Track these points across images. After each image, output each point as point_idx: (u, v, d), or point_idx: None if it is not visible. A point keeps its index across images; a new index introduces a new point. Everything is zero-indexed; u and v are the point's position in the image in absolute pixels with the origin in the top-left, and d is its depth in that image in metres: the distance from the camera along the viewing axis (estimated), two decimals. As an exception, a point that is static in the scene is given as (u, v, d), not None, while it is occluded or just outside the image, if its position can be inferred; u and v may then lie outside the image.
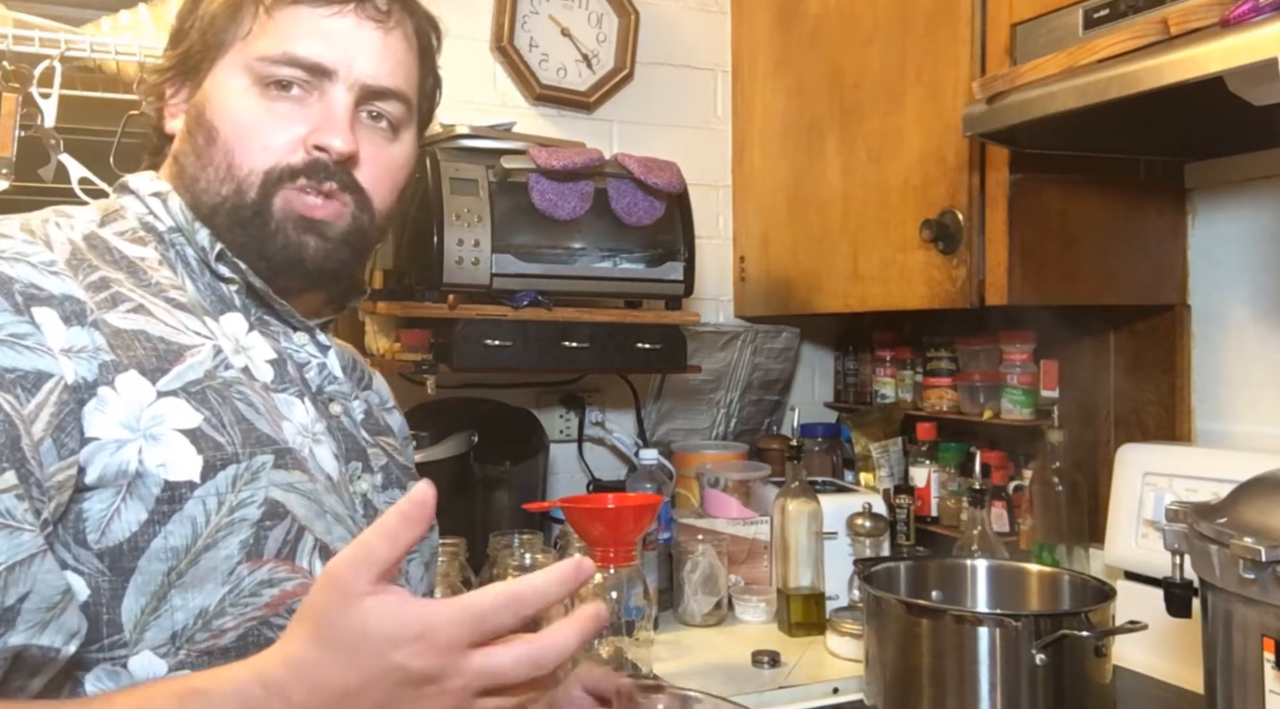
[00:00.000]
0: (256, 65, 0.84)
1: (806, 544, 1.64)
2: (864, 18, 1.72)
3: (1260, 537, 0.87)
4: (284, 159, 0.84)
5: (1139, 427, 1.63)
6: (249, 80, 0.85)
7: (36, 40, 1.35)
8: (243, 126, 0.84)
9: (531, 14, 1.95)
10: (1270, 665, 0.89)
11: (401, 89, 0.90)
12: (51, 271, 0.74)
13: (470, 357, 1.56)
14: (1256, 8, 0.97)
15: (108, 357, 0.73)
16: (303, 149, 0.84)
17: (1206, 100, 1.09)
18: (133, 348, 0.75)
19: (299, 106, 0.85)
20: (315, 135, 0.84)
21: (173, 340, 0.78)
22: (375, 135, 0.89)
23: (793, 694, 1.40)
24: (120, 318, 0.76)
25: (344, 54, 0.86)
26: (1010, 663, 1.15)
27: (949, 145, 1.53)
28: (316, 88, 0.86)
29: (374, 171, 0.88)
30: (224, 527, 0.74)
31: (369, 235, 0.90)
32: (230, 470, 0.75)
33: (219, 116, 0.85)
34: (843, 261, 1.77)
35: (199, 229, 0.86)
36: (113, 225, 0.85)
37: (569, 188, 1.60)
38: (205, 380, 0.77)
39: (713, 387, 2.06)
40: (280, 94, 0.85)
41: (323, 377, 0.91)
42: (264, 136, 0.84)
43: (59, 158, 1.36)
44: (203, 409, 0.76)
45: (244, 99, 0.85)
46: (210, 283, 0.86)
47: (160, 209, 0.87)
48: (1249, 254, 1.50)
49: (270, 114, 0.85)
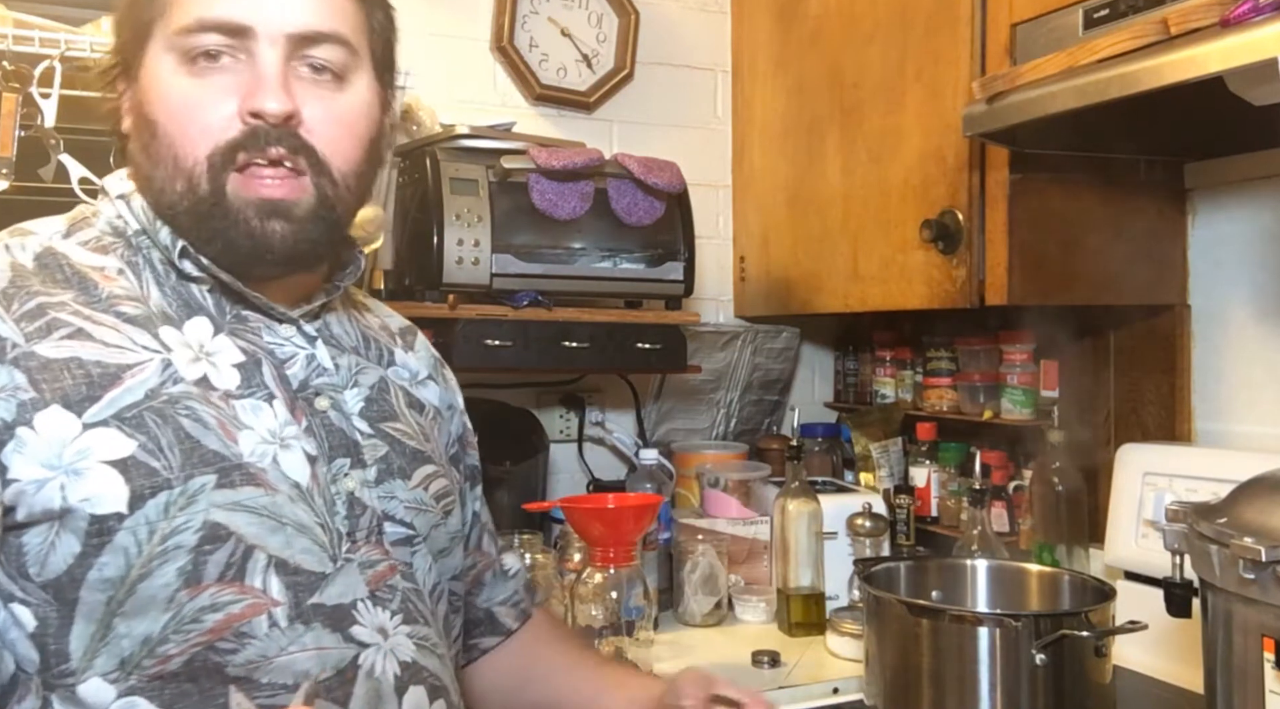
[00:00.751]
0: (176, 40, 0.79)
1: (806, 544, 1.64)
2: (864, 18, 1.72)
3: (1260, 537, 0.87)
4: (222, 136, 0.79)
5: (1139, 427, 1.63)
6: (174, 60, 0.80)
7: (36, 40, 1.35)
8: (177, 112, 0.79)
9: (531, 14, 1.95)
10: (1270, 665, 0.89)
11: (336, 29, 0.82)
12: None
13: (470, 357, 1.56)
14: (1256, 8, 0.97)
15: (27, 394, 0.72)
16: (239, 120, 0.79)
17: (1206, 100, 1.09)
18: (60, 379, 0.74)
19: (229, 76, 0.79)
20: (247, 101, 0.78)
21: (110, 363, 0.76)
22: (318, 88, 0.82)
23: (793, 694, 1.40)
24: (52, 347, 0.75)
25: (257, 7, 0.79)
26: (1010, 663, 1.15)
27: (949, 145, 1.53)
28: (241, 49, 0.79)
29: (325, 128, 0.82)
30: (158, 556, 0.73)
31: (337, 203, 0.83)
32: (162, 497, 0.74)
33: (154, 107, 0.80)
34: (843, 261, 1.77)
35: (160, 228, 0.83)
36: (78, 234, 0.84)
37: (569, 188, 1.60)
38: (145, 402, 0.76)
39: (713, 387, 2.06)
40: (208, 66, 0.79)
41: (310, 370, 0.87)
42: (199, 117, 0.79)
43: (59, 158, 1.36)
44: (138, 434, 0.74)
45: (173, 81, 0.79)
46: (177, 286, 0.83)
47: (125, 211, 0.85)
48: (1249, 254, 1.50)
49: (201, 91, 0.79)
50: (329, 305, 0.92)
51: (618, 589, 1.37)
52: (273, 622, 0.77)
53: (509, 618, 1.08)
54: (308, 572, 0.79)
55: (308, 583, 0.79)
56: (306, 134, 0.81)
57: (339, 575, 0.81)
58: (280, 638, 0.77)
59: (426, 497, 0.92)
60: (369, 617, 0.82)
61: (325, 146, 0.82)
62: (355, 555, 0.83)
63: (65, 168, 1.36)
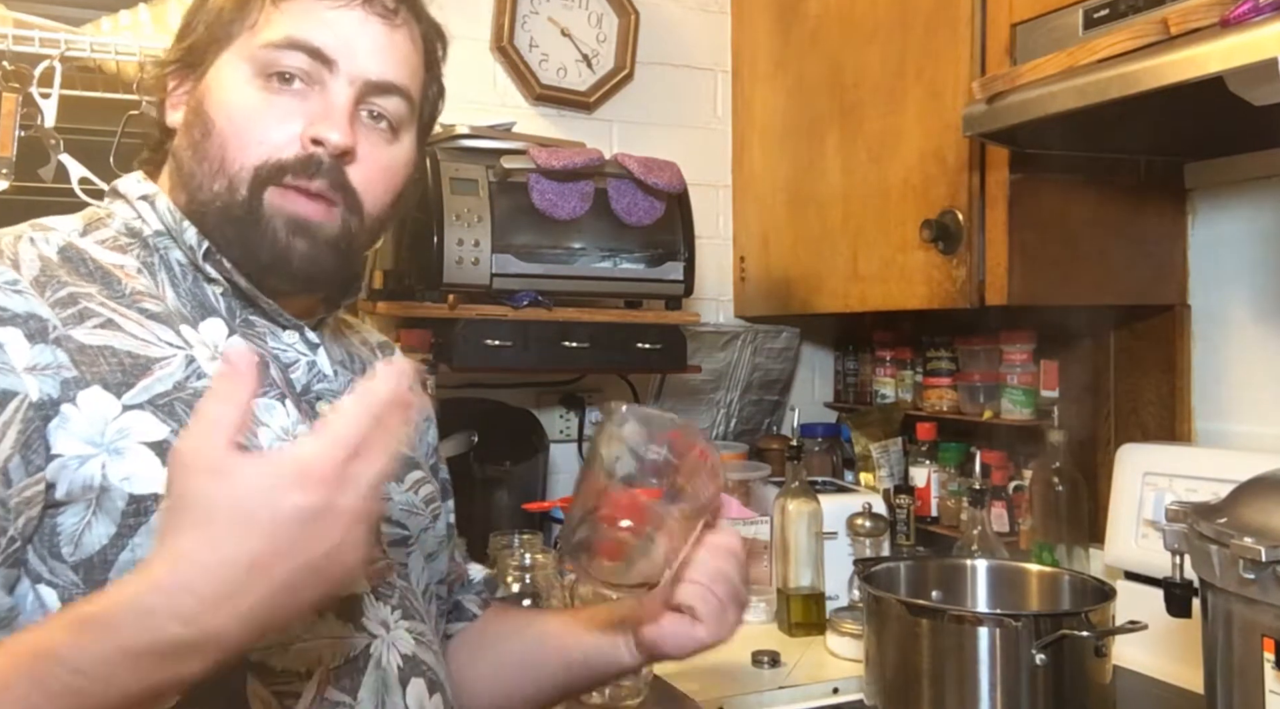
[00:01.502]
0: (259, 53, 0.82)
1: (806, 544, 1.64)
2: (864, 18, 1.72)
3: (1260, 537, 0.87)
4: (276, 154, 0.81)
5: (1139, 427, 1.63)
6: (250, 70, 0.83)
7: (36, 40, 1.35)
8: (239, 118, 0.82)
9: (531, 14, 1.95)
10: (1270, 665, 0.89)
11: (405, 84, 0.87)
12: (15, 290, 0.74)
13: (470, 357, 1.56)
14: (1256, 8, 0.97)
15: (70, 373, 0.73)
16: (299, 144, 0.82)
17: (1206, 100, 1.09)
18: (97, 363, 0.75)
19: (299, 100, 0.83)
20: (312, 127, 0.81)
21: (140, 354, 0.77)
22: (374, 135, 0.86)
23: (793, 694, 1.40)
24: (87, 334, 0.75)
25: (347, 45, 0.83)
26: (1010, 663, 1.15)
27: (949, 145, 1.53)
28: (317, 81, 0.83)
29: (369, 172, 0.85)
30: None
31: (357, 239, 0.87)
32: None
33: (216, 108, 0.83)
34: (843, 261, 1.77)
35: (186, 227, 0.84)
36: (95, 233, 0.84)
37: (569, 188, 1.60)
38: (174, 392, 0.77)
39: (713, 387, 2.06)
40: (281, 86, 0.83)
41: (311, 375, 0.89)
42: (260, 130, 0.82)
43: (59, 158, 1.36)
44: (170, 421, 0.75)
45: (243, 90, 0.82)
46: (192, 288, 0.85)
47: (148, 212, 0.86)
48: (1249, 254, 1.50)
49: (268, 106, 0.82)
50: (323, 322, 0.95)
51: (618, 589, 1.37)
52: None
53: (474, 605, 1.10)
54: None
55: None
56: (351, 174, 0.84)
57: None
58: (295, 625, 0.78)
59: (417, 500, 0.94)
60: (372, 610, 0.84)
61: (364, 190, 0.85)
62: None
63: (65, 168, 1.36)
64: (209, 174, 0.82)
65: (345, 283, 0.94)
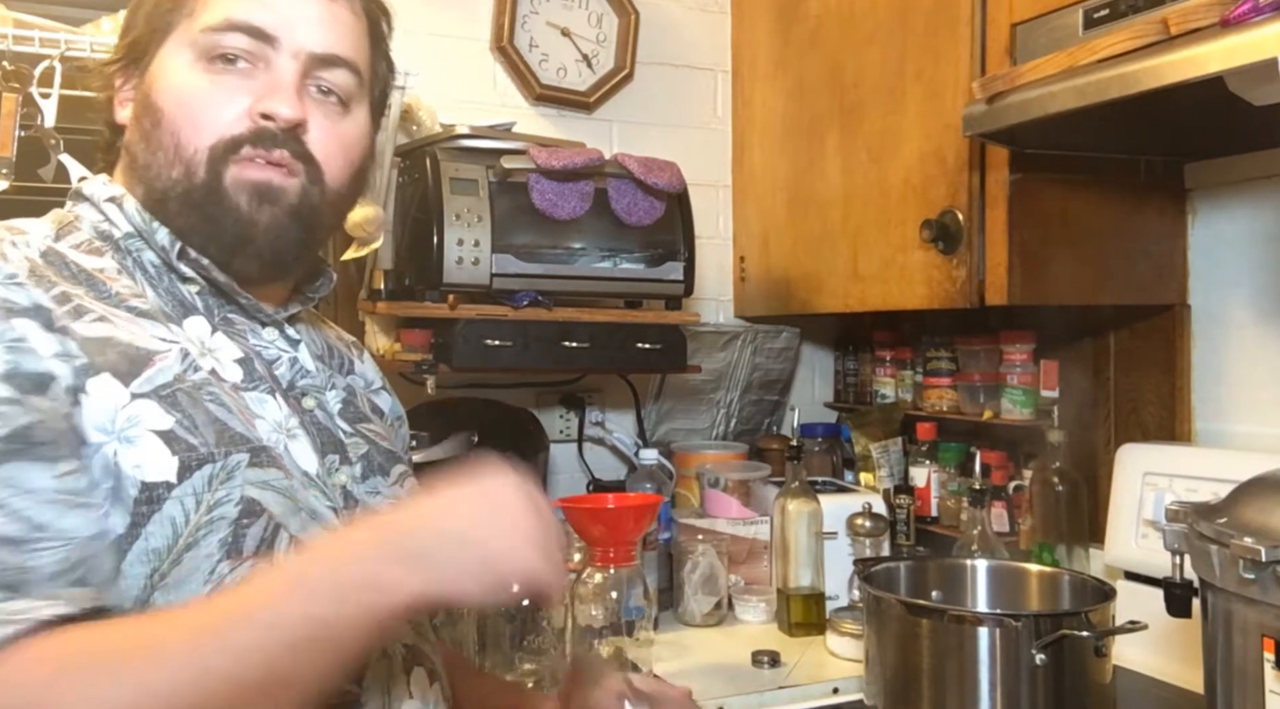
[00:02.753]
0: (199, 38, 0.83)
1: (806, 544, 1.64)
2: (864, 18, 1.72)
3: (1260, 537, 0.87)
4: (228, 131, 0.82)
5: (1139, 427, 1.63)
6: (193, 55, 0.83)
7: (36, 40, 1.35)
8: (186, 102, 0.82)
9: (531, 14, 1.95)
10: (1270, 665, 0.89)
11: (350, 57, 0.88)
12: (16, 284, 0.74)
13: (470, 357, 1.56)
14: (1256, 8, 0.97)
15: (81, 360, 0.73)
16: (248, 118, 0.82)
17: (1206, 100, 1.09)
18: (104, 352, 0.75)
19: (244, 79, 0.83)
20: (260, 103, 0.82)
21: (141, 346, 0.78)
22: (325, 107, 0.87)
23: (793, 694, 1.40)
24: (86, 327, 0.76)
25: (286, 21, 0.84)
26: (1010, 663, 1.15)
27: (949, 145, 1.53)
28: (261, 58, 0.84)
29: (326, 143, 0.86)
30: (203, 526, 0.75)
31: (320, 211, 0.87)
32: (206, 470, 0.76)
33: (163, 95, 0.83)
34: (843, 261, 1.77)
35: (157, 228, 0.85)
36: (68, 238, 0.84)
37: (569, 188, 1.60)
38: (175, 384, 0.77)
39: (713, 387, 2.06)
40: (225, 67, 0.83)
41: (294, 371, 0.90)
42: (209, 110, 0.82)
43: (59, 158, 1.36)
44: (174, 412, 0.76)
45: (188, 74, 0.83)
46: (170, 287, 0.85)
47: (116, 214, 0.86)
48: (1249, 254, 1.50)
49: (214, 86, 0.83)
50: (298, 315, 0.95)
51: (618, 589, 1.37)
52: None
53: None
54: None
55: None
56: (309, 143, 0.85)
57: None
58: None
59: (403, 493, 0.95)
60: None
61: (324, 161, 0.86)
62: None
63: (65, 168, 1.36)
64: (165, 162, 0.83)
65: (312, 266, 0.95)
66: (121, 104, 0.89)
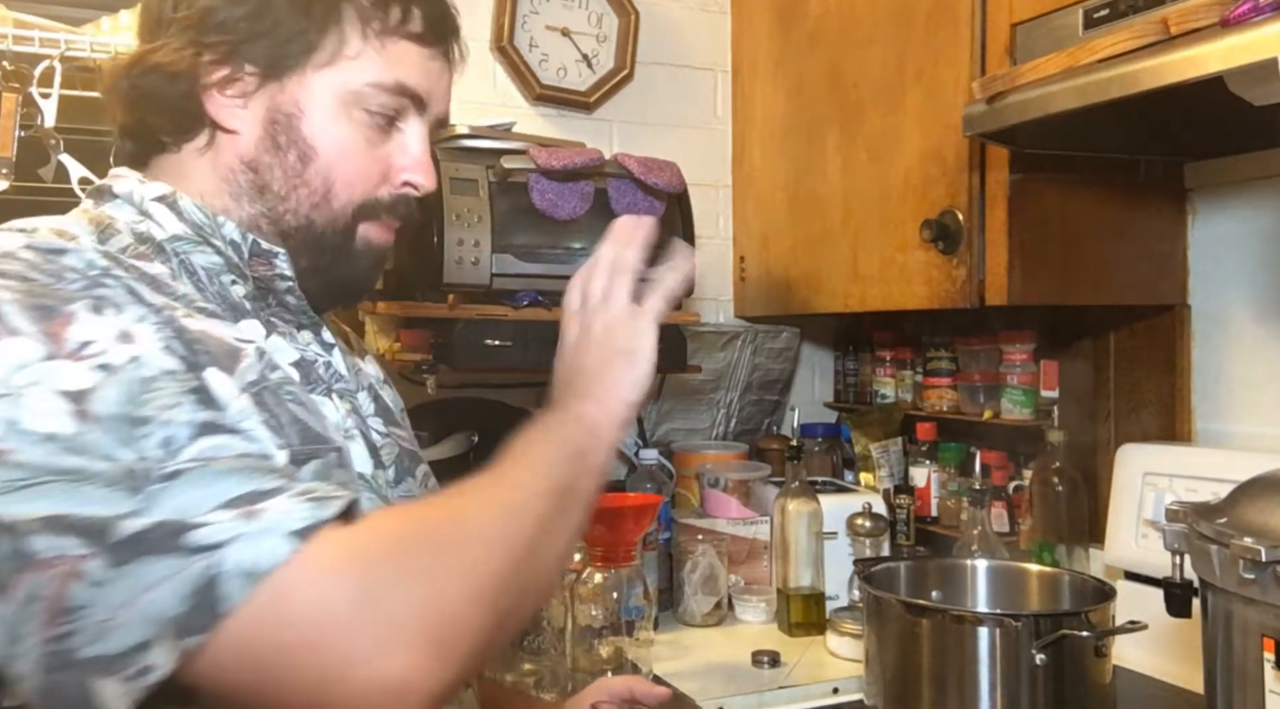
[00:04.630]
0: (365, 91, 0.84)
1: (806, 544, 1.64)
2: (864, 18, 1.72)
3: (1260, 537, 0.87)
4: (373, 193, 0.87)
5: (1139, 427, 1.63)
6: (351, 104, 0.84)
7: (36, 40, 1.35)
8: (348, 155, 0.85)
9: (531, 14, 1.95)
10: (1270, 665, 0.89)
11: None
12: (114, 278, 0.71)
13: (470, 357, 1.56)
14: (1256, 8, 0.97)
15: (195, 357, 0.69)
16: (389, 183, 0.88)
17: (1206, 100, 1.09)
18: (206, 344, 0.71)
19: (384, 137, 0.87)
20: (408, 173, 0.88)
21: (229, 339, 0.74)
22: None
23: (793, 694, 1.40)
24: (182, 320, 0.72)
25: (433, 92, 0.89)
26: (1010, 663, 1.15)
27: (949, 145, 1.53)
28: (404, 119, 0.88)
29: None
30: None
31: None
32: (314, 465, 0.75)
33: (320, 138, 0.83)
34: (843, 261, 1.77)
35: (224, 222, 0.82)
36: (112, 241, 0.78)
37: (569, 188, 1.60)
38: (261, 382, 0.74)
39: (713, 387, 2.06)
40: (372, 124, 0.86)
41: (329, 374, 0.88)
42: (361, 168, 0.86)
43: (59, 158, 1.36)
44: (262, 410, 0.73)
45: (345, 125, 0.84)
46: (220, 291, 0.82)
47: (164, 215, 0.81)
48: (1249, 254, 1.50)
49: (369, 145, 0.86)
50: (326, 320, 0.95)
51: (618, 589, 1.37)
52: None
53: None
54: None
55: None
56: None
57: None
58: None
59: (426, 494, 0.94)
60: None
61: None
62: None
63: (65, 168, 1.36)
64: (307, 201, 0.85)
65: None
66: (228, 105, 0.83)
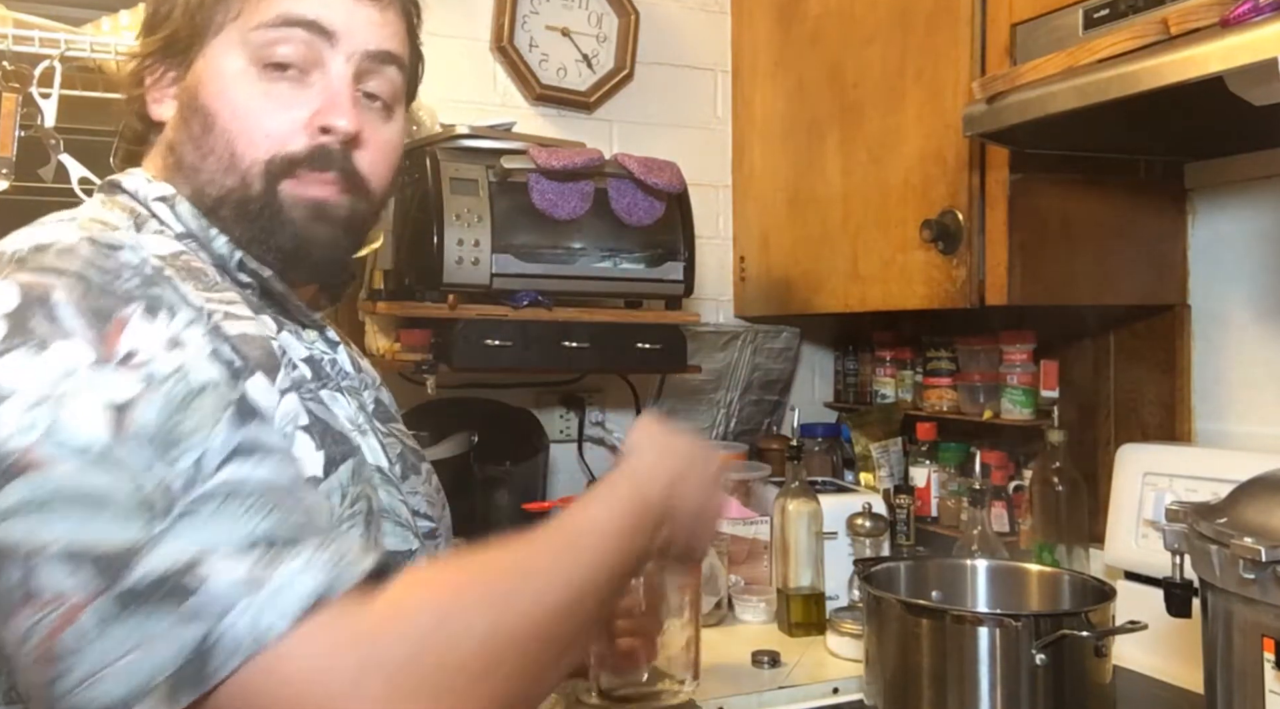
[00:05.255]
0: (252, 36, 0.80)
1: (806, 544, 1.64)
2: (864, 18, 1.72)
3: (1260, 537, 0.87)
4: (285, 147, 0.81)
5: (1139, 427, 1.63)
6: (245, 59, 0.81)
7: (36, 40, 1.35)
8: (241, 111, 0.81)
9: (531, 14, 1.95)
10: (1270, 665, 0.89)
11: (400, 53, 0.87)
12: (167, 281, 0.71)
13: (470, 357, 1.56)
14: (1256, 8, 0.97)
15: (237, 363, 0.71)
16: (305, 133, 0.82)
17: (1206, 100, 1.09)
18: (251, 348, 0.73)
19: (298, 87, 0.82)
20: (319, 116, 0.81)
21: (270, 338, 0.76)
22: (371, 115, 0.86)
23: (793, 694, 1.40)
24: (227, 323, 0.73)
25: (344, 21, 0.83)
26: (1010, 663, 1.15)
27: (949, 145, 1.53)
28: (315, 63, 0.82)
29: (373, 154, 0.86)
30: (346, 519, 0.75)
31: (366, 222, 0.88)
32: (349, 463, 0.76)
33: (215, 100, 0.81)
34: (843, 261, 1.77)
35: (215, 236, 0.82)
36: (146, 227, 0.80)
37: (569, 188, 1.60)
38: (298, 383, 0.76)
39: (713, 387, 2.06)
40: (278, 75, 0.81)
41: (335, 372, 0.89)
42: (265, 121, 0.81)
43: (59, 158, 1.36)
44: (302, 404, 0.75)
45: (241, 81, 0.81)
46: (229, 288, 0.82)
47: (168, 215, 0.82)
48: (1249, 254, 1.50)
49: (269, 97, 0.81)
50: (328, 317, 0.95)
51: (618, 589, 1.37)
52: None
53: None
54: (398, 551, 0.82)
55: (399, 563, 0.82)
56: (358, 160, 0.84)
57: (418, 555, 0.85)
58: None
59: (431, 490, 0.95)
60: None
61: (370, 173, 0.86)
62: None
63: (65, 168, 1.36)
64: (217, 169, 0.81)
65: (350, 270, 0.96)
66: (158, 100, 0.85)
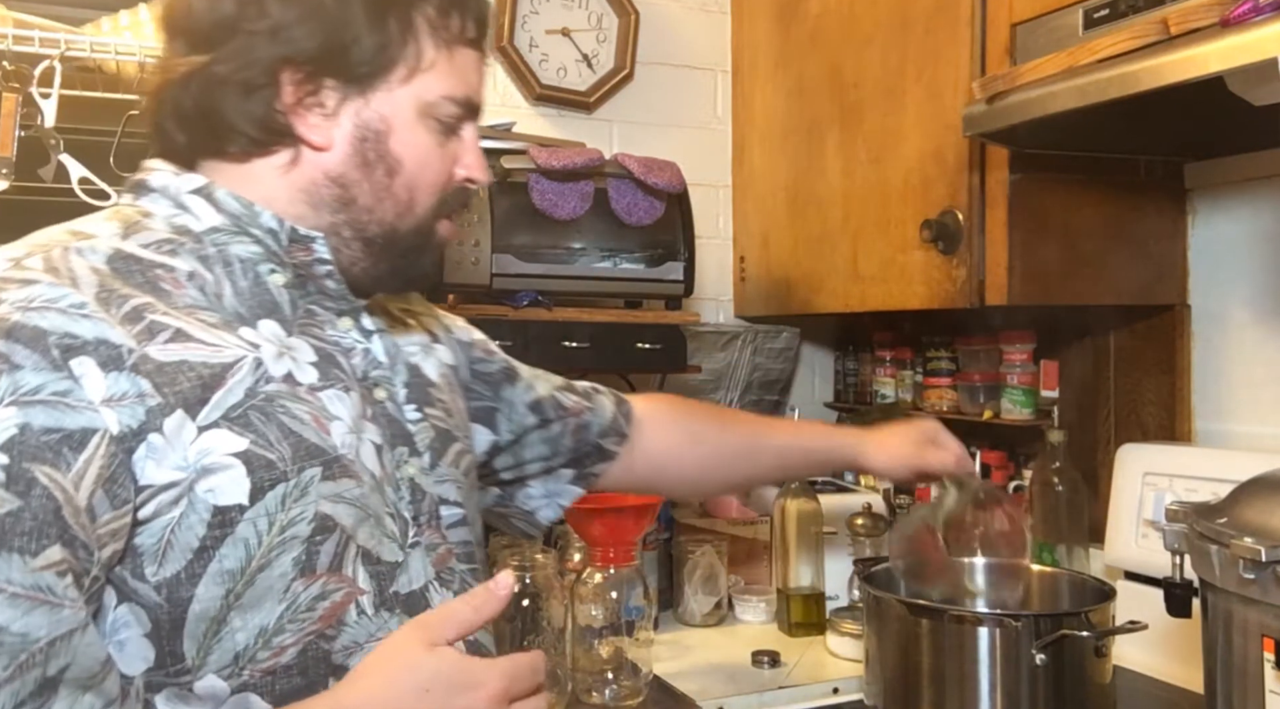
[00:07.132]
0: (441, 104, 0.87)
1: (806, 544, 1.64)
2: (864, 18, 1.72)
3: (1260, 537, 0.87)
4: (444, 193, 0.90)
5: (1139, 427, 1.63)
6: (420, 112, 0.87)
7: (36, 40, 1.35)
8: (425, 165, 0.88)
9: (531, 14, 1.95)
10: (1270, 665, 0.89)
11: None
12: (82, 315, 0.72)
13: (470, 356, 1.56)
14: (1256, 8, 0.97)
15: (154, 401, 0.72)
16: (454, 182, 0.91)
17: (1206, 100, 1.09)
18: (177, 382, 0.74)
19: (449, 141, 0.90)
20: (470, 171, 0.91)
21: (215, 363, 0.76)
22: None
23: (793, 694, 1.40)
24: (160, 350, 0.74)
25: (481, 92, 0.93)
26: (1010, 663, 1.15)
27: (949, 145, 1.53)
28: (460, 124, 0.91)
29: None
30: (276, 546, 0.76)
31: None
32: (279, 489, 0.76)
33: (405, 152, 0.86)
34: (843, 261, 1.77)
35: (260, 211, 0.83)
36: (137, 236, 0.81)
37: (569, 188, 1.60)
38: (246, 400, 0.76)
39: (713, 387, 2.06)
40: (441, 130, 0.89)
41: (367, 362, 0.89)
42: (436, 174, 0.89)
43: (59, 158, 1.36)
44: (247, 432, 0.75)
45: (425, 137, 0.88)
46: (252, 286, 0.83)
47: (202, 207, 0.83)
48: (1249, 254, 1.50)
49: (441, 152, 0.89)
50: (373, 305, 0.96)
51: (618, 589, 1.37)
52: (360, 610, 0.81)
53: (613, 444, 1.22)
54: (386, 561, 0.84)
55: (388, 572, 0.83)
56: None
57: (410, 562, 0.86)
58: (368, 624, 0.81)
59: (459, 473, 0.95)
60: (438, 598, 0.87)
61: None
62: (421, 539, 0.87)
63: (65, 168, 1.36)
64: (392, 211, 0.88)
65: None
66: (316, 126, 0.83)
